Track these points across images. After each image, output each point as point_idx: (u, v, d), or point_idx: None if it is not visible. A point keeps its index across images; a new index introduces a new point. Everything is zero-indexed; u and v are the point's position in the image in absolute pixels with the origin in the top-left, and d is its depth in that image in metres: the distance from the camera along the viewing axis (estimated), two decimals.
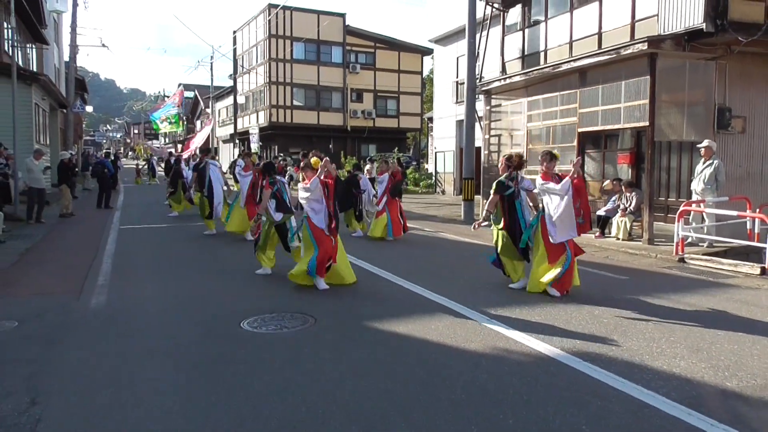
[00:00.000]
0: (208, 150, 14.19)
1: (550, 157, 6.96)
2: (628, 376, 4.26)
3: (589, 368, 4.45)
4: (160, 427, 3.53)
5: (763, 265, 8.37)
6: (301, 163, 8.08)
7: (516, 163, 7.23)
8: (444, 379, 4.25)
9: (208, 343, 5.12)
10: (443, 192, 25.81)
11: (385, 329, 5.51)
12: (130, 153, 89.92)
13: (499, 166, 7.50)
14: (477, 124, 15.80)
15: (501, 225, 7.17)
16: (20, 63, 16.74)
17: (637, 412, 3.69)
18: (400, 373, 4.39)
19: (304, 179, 7.38)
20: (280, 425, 3.52)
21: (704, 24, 10.04)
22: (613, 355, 4.77)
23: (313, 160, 7.26)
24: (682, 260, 9.37)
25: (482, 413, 3.68)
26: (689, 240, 10.23)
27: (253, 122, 40.58)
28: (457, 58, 22.38)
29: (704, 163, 10.34)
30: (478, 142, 16.08)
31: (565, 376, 4.33)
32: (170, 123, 24.75)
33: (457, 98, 23.05)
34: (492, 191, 7.27)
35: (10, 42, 16.08)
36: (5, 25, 17.71)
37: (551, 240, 6.73)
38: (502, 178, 7.25)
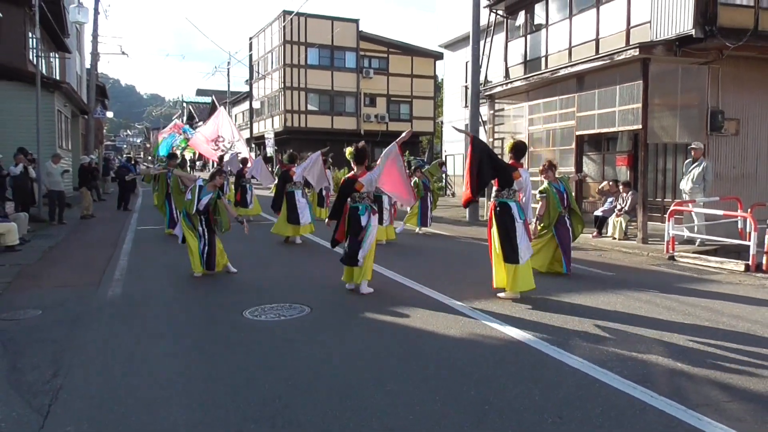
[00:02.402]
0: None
1: None
2: (588, 358, 4.69)
3: (554, 351, 4.88)
4: (166, 394, 4.04)
5: (747, 262, 8.71)
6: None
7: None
8: (420, 358, 4.72)
9: (211, 329, 5.64)
10: (453, 194, 26.20)
11: (373, 317, 5.99)
12: (149, 158, 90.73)
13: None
14: (481, 128, 16.22)
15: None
16: (44, 71, 17.50)
17: (587, 386, 4.12)
18: (381, 353, 4.87)
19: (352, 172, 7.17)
20: (270, 395, 4.01)
21: (693, 30, 10.40)
22: (580, 340, 5.19)
23: (348, 150, 7.11)
24: (672, 258, 9.71)
25: (449, 385, 4.14)
26: (683, 239, 10.56)
27: (268, 127, 41.34)
28: (466, 63, 22.71)
29: (693, 162, 10.67)
30: None
31: (531, 357, 4.77)
32: (182, 149, 24.52)
33: (466, 102, 23.37)
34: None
35: (34, 51, 16.87)
36: (30, 35, 18.53)
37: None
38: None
